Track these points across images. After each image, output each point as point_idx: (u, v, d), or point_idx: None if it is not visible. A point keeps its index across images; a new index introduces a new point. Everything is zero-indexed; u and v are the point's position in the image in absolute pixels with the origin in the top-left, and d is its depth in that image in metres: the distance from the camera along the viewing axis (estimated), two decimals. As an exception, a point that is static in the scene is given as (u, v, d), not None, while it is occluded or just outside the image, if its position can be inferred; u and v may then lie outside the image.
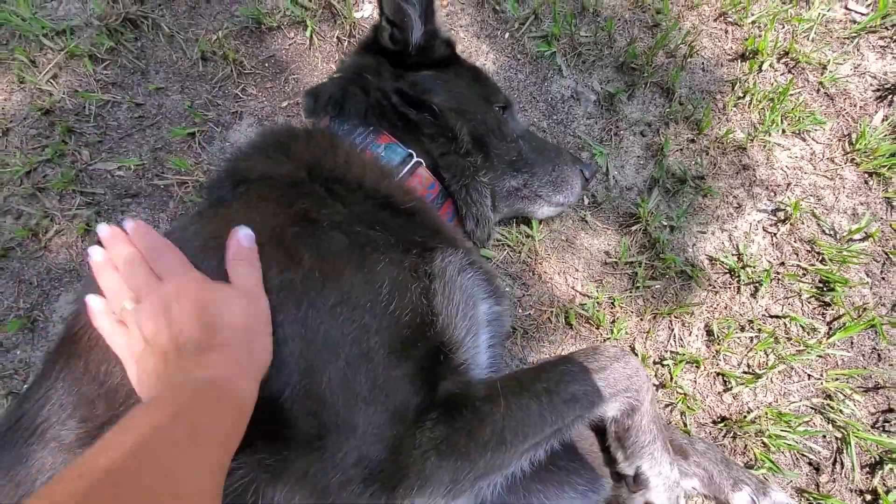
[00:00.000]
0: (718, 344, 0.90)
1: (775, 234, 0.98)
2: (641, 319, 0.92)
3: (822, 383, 0.88)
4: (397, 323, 0.59)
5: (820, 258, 0.95)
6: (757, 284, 0.93)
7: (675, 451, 0.77)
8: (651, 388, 0.70)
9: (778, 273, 0.94)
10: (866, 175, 1.01)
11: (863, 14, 1.09)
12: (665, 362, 0.90)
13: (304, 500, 0.51)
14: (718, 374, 0.88)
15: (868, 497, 0.84)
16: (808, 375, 0.90)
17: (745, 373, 0.89)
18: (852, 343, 0.92)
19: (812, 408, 0.87)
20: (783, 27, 1.09)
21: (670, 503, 0.72)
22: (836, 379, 0.89)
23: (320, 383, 0.54)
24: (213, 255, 0.57)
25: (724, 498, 0.77)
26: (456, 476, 0.55)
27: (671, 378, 0.88)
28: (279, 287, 0.56)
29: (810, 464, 0.86)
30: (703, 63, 1.07)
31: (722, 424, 0.86)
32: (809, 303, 0.94)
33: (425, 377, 0.59)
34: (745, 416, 0.86)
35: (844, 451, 0.85)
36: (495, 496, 0.64)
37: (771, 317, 0.93)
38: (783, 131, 1.02)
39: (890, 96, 1.06)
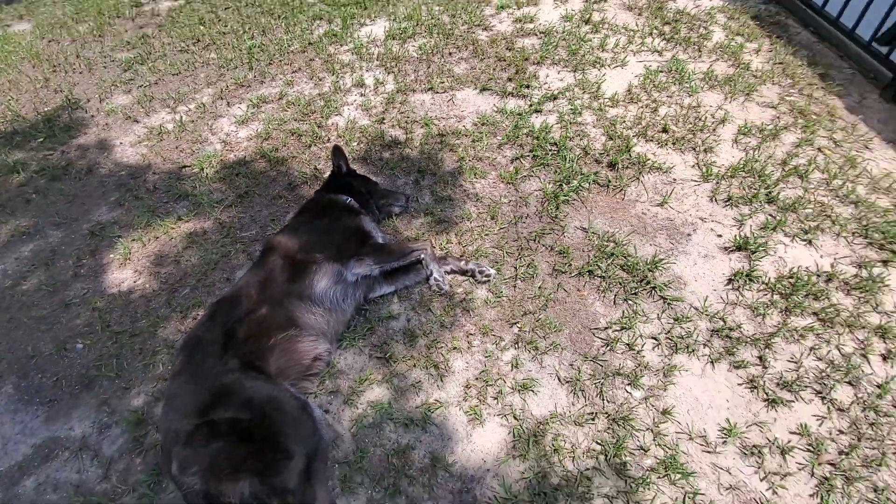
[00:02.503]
0: (461, 238, 2.65)
1: (481, 209, 2.82)
2: (433, 236, 2.67)
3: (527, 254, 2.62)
4: (352, 229, 2.38)
5: (520, 241, 2.78)
6: (474, 227, 2.73)
7: (442, 259, 2.45)
8: (433, 249, 2.45)
9: (482, 227, 2.76)
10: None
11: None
12: (443, 245, 2.62)
13: (336, 264, 2.24)
14: (463, 252, 2.61)
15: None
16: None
17: (473, 254, 2.62)
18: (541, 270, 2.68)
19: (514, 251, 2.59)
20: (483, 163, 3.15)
21: (439, 274, 2.39)
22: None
23: (334, 243, 2.29)
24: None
25: (460, 269, 2.43)
26: (375, 260, 2.31)
27: (443, 247, 2.60)
28: (319, 224, 2.37)
29: (516, 270, 2.53)
30: (464, 183, 3.08)
31: (459, 253, 2.55)
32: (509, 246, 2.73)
33: (364, 239, 2.36)
34: (469, 252, 2.56)
35: (532, 270, 2.54)
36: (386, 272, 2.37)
37: (482, 237, 2.70)
38: (475, 176, 2.97)
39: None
